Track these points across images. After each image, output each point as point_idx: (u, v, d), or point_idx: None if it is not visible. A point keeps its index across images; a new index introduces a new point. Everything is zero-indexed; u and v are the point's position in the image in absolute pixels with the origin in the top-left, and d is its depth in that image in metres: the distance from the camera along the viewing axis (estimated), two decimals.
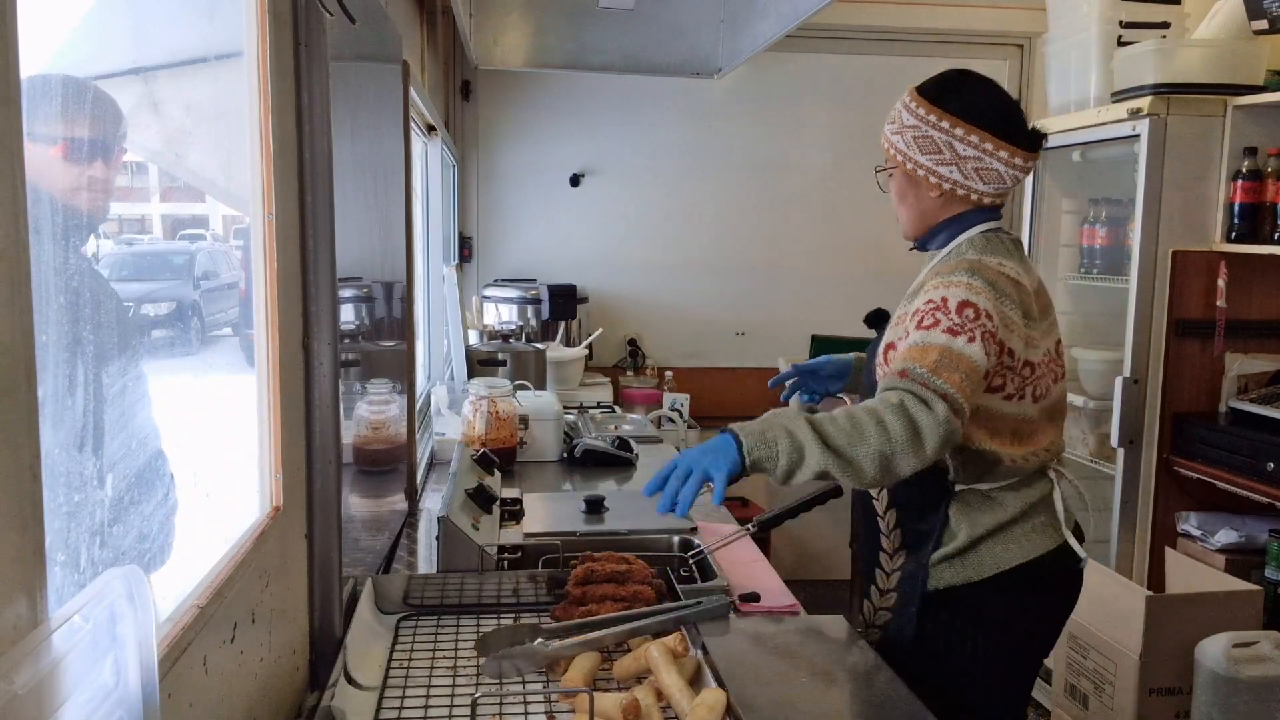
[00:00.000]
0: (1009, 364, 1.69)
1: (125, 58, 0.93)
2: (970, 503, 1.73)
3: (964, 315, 1.61)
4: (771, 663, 1.43)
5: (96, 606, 0.66)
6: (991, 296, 1.64)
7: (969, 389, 1.57)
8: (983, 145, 1.74)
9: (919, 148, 1.77)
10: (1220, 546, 2.96)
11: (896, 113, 1.81)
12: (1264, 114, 2.92)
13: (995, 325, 1.63)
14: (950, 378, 1.55)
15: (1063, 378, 1.86)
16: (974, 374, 1.59)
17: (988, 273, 1.67)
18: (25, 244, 0.62)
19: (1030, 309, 1.73)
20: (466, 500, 1.88)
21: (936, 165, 1.76)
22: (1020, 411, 1.74)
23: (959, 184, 1.77)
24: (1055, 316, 1.87)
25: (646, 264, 4.62)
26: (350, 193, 1.49)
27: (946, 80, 1.79)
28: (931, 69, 1.70)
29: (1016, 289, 1.70)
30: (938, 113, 1.74)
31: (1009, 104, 1.79)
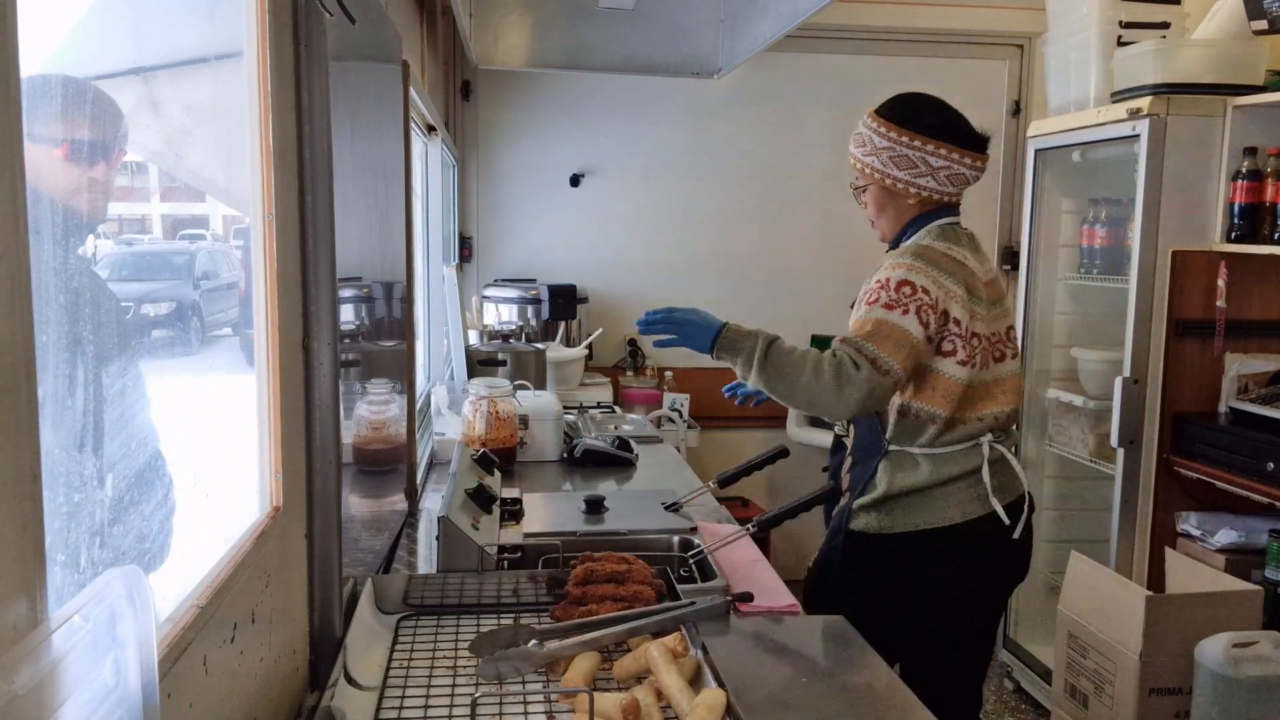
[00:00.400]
0: (955, 331, 1.94)
1: (125, 58, 0.93)
2: (896, 462, 1.99)
3: (901, 292, 1.91)
4: (771, 663, 1.43)
5: (96, 606, 0.66)
6: (930, 272, 1.93)
7: (902, 355, 1.88)
8: (950, 155, 2.03)
9: (895, 165, 2.04)
10: (1220, 546, 2.96)
11: (865, 136, 2.09)
12: (1264, 114, 2.92)
13: (933, 299, 1.91)
14: (882, 345, 1.87)
15: (1015, 357, 2.08)
16: (906, 340, 1.89)
17: (932, 254, 1.96)
18: (25, 244, 0.62)
19: (975, 289, 1.98)
20: (466, 500, 1.88)
21: (914, 178, 2.03)
22: (971, 377, 1.97)
23: (934, 190, 2.04)
24: (1007, 307, 2.11)
25: (646, 264, 4.62)
26: (350, 193, 1.49)
27: (905, 104, 2.10)
28: (931, 69, 1.77)
29: (960, 268, 1.97)
30: (909, 134, 2.03)
31: (959, 117, 2.09)
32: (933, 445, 1.97)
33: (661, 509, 2.17)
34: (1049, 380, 3.65)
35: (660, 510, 2.17)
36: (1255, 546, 2.92)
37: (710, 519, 2.19)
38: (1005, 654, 3.76)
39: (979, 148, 2.05)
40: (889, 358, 1.86)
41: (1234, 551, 2.94)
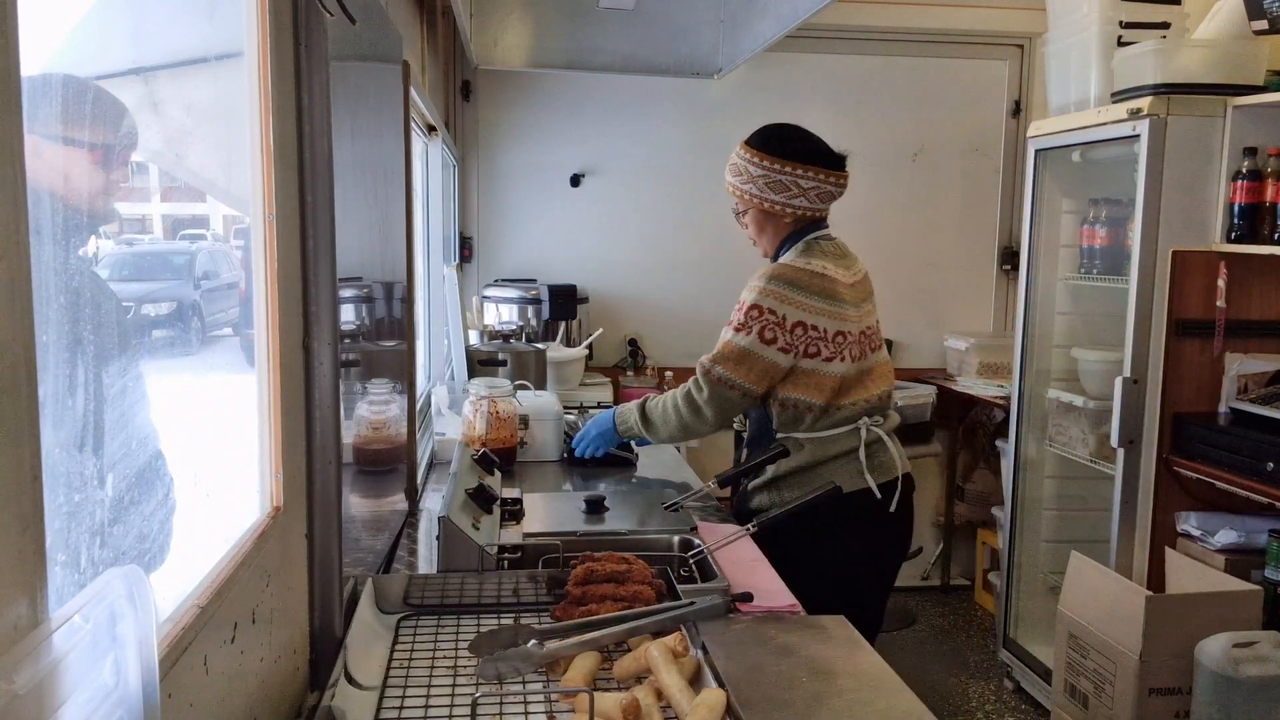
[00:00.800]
0: (816, 335, 2.23)
1: (125, 58, 0.93)
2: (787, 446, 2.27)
3: (749, 315, 2.22)
4: (771, 663, 1.43)
5: (96, 606, 0.66)
6: (780, 292, 2.22)
7: (743, 371, 2.23)
8: (818, 176, 2.28)
9: (771, 189, 2.29)
10: (1220, 546, 2.96)
11: (741, 166, 2.32)
12: (1264, 114, 2.92)
13: (779, 316, 2.21)
14: (726, 365, 2.24)
15: (879, 349, 2.41)
16: (747, 358, 2.22)
17: (786, 274, 2.24)
18: (25, 244, 0.62)
19: (837, 294, 2.26)
20: (466, 500, 1.88)
21: (789, 200, 2.29)
22: (842, 370, 2.26)
23: (806, 209, 2.31)
24: (874, 304, 2.45)
25: (646, 264, 4.62)
26: (350, 193, 1.49)
27: (773, 134, 2.34)
28: (931, 69, 1.77)
29: (819, 279, 2.25)
30: (780, 160, 2.28)
31: (820, 142, 2.34)
32: (813, 430, 2.26)
33: (661, 509, 2.17)
34: (1049, 380, 3.65)
35: (660, 510, 2.17)
36: (1255, 546, 2.92)
37: (710, 519, 2.19)
38: (1005, 654, 3.76)
39: (839, 166, 2.32)
40: (732, 375, 2.23)
41: (1234, 551, 2.94)
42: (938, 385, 4.48)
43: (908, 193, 4.75)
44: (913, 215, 4.76)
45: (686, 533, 1.99)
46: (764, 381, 2.24)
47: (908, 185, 4.75)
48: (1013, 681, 3.74)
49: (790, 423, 2.27)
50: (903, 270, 4.78)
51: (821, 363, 2.23)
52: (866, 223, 4.74)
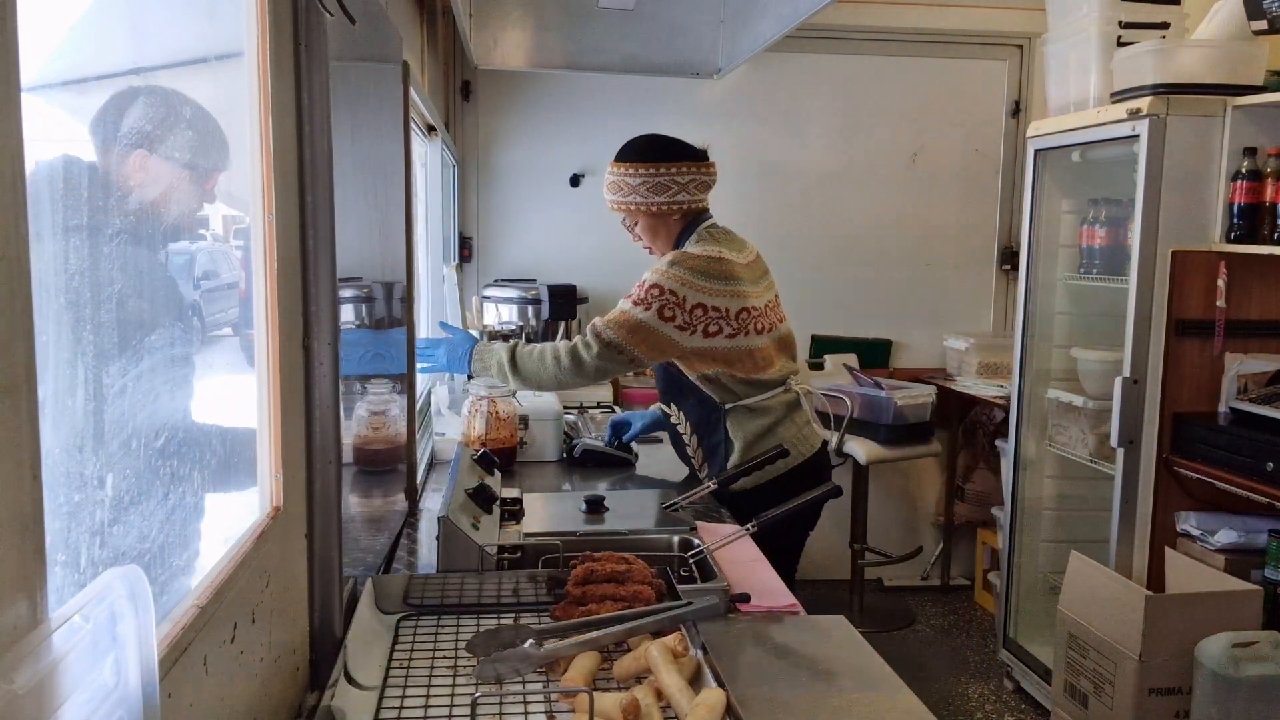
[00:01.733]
0: (717, 313, 2.39)
1: (125, 58, 0.93)
2: (737, 416, 2.45)
3: (649, 294, 2.38)
4: (771, 663, 1.43)
5: (96, 606, 0.66)
6: (681, 275, 2.38)
7: (637, 339, 2.37)
8: (690, 169, 2.47)
9: (654, 193, 2.48)
10: (1220, 546, 2.96)
11: (619, 182, 2.51)
12: (1264, 114, 2.92)
13: (682, 296, 2.36)
14: (619, 332, 2.37)
15: (784, 320, 2.59)
16: (643, 328, 2.37)
17: (686, 260, 2.40)
18: (25, 244, 0.62)
19: (735, 274, 2.43)
20: (466, 500, 1.88)
21: (672, 198, 2.48)
22: (750, 344, 2.42)
23: (689, 201, 2.49)
24: (771, 280, 2.61)
25: (647, 264, 4.60)
26: (350, 193, 1.49)
27: (639, 145, 2.52)
28: (931, 69, 1.77)
29: (715, 263, 2.41)
30: (654, 165, 2.46)
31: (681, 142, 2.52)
32: (752, 396, 2.45)
33: (661, 509, 2.17)
34: (1049, 380, 3.65)
35: (660, 510, 2.17)
36: (1255, 546, 2.92)
37: (710, 519, 2.19)
38: (1005, 654, 3.76)
39: (704, 158, 2.52)
40: (623, 342, 2.37)
41: (1234, 551, 2.94)
42: (937, 385, 4.48)
43: (907, 193, 4.75)
44: (912, 215, 4.76)
45: (686, 533, 1.99)
46: (656, 354, 2.41)
47: (907, 185, 4.75)
48: (1013, 681, 3.74)
49: (730, 393, 2.45)
50: (903, 270, 4.79)
51: (726, 339, 2.40)
52: (866, 223, 4.75)
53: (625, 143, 2.56)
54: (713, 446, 2.49)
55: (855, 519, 4.41)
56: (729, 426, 2.46)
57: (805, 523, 2.50)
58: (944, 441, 4.66)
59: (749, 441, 2.43)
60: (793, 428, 2.47)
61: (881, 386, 4.22)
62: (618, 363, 2.39)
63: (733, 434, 2.45)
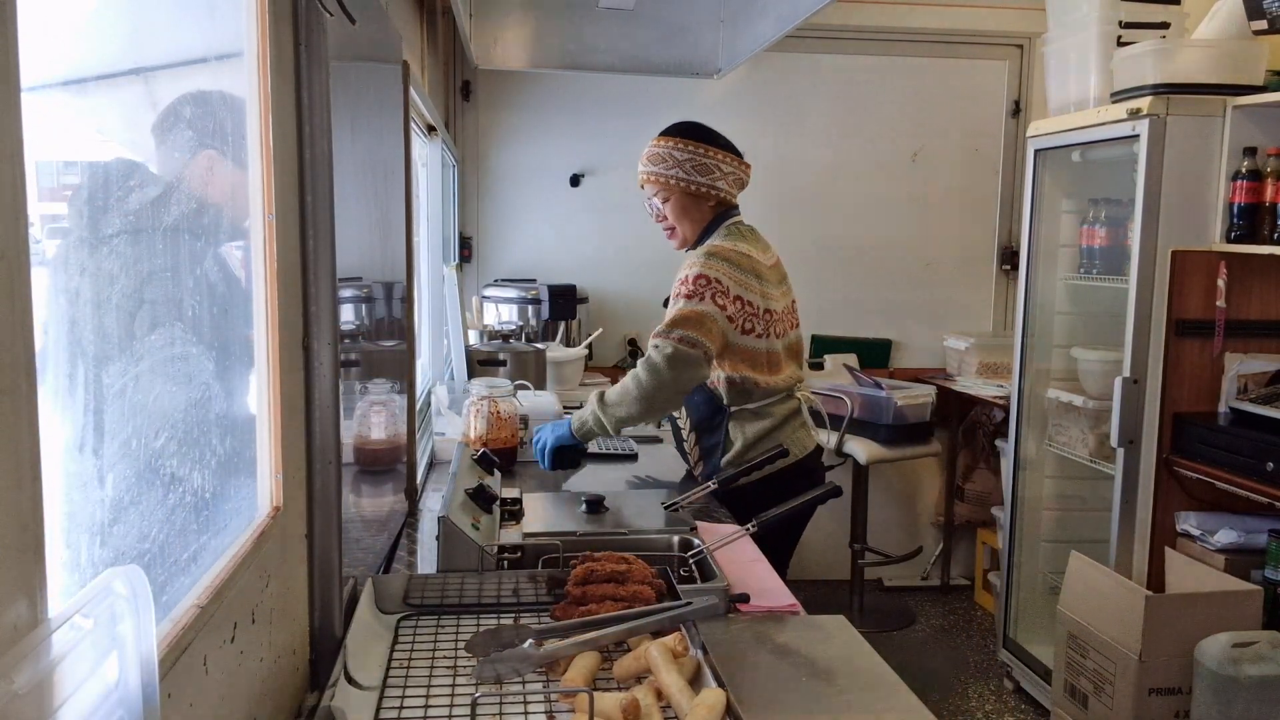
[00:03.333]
0: (750, 311, 2.44)
1: (125, 58, 0.93)
2: (739, 419, 2.50)
3: (698, 285, 2.39)
4: (771, 663, 1.43)
5: (96, 606, 0.66)
6: (720, 266, 2.41)
7: (705, 330, 2.36)
8: (734, 163, 2.55)
9: (697, 172, 2.51)
10: (1220, 546, 2.96)
11: (663, 154, 2.55)
12: (1264, 114, 2.92)
13: (726, 286, 2.40)
14: (687, 327, 2.35)
15: (797, 326, 2.66)
16: (707, 319, 2.37)
17: (722, 252, 2.45)
18: (25, 244, 0.62)
19: (763, 274, 2.49)
20: (466, 500, 1.88)
21: (714, 181, 2.51)
22: (769, 346, 2.49)
23: (725, 191, 2.54)
24: (789, 284, 2.67)
25: (647, 264, 4.61)
26: (350, 193, 1.49)
27: (691, 126, 2.57)
28: (931, 69, 1.77)
29: (746, 259, 2.46)
30: (703, 146, 2.52)
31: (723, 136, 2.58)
32: (760, 400, 2.49)
33: (661, 509, 2.17)
34: (1049, 380, 3.65)
35: (660, 510, 2.17)
36: (1255, 546, 2.92)
37: (710, 519, 2.19)
38: (1005, 654, 3.76)
39: (742, 156, 2.59)
40: (694, 334, 2.35)
41: (1234, 551, 2.94)
42: (937, 385, 4.48)
43: (907, 193, 4.75)
44: (912, 215, 4.76)
45: (686, 533, 1.99)
46: (719, 343, 2.40)
47: (907, 185, 4.75)
48: (1013, 681, 3.74)
49: (740, 397, 2.48)
50: (903, 270, 4.79)
51: (755, 339, 2.46)
52: (866, 223, 4.75)
53: (675, 123, 2.60)
54: (710, 446, 2.53)
55: (855, 519, 4.41)
56: (730, 427, 2.50)
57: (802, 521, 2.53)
58: (944, 441, 4.66)
59: (748, 443, 2.47)
60: (789, 431, 2.52)
61: (881, 386, 4.22)
62: (693, 360, 2.34)
63: (733, 435, 2.50)
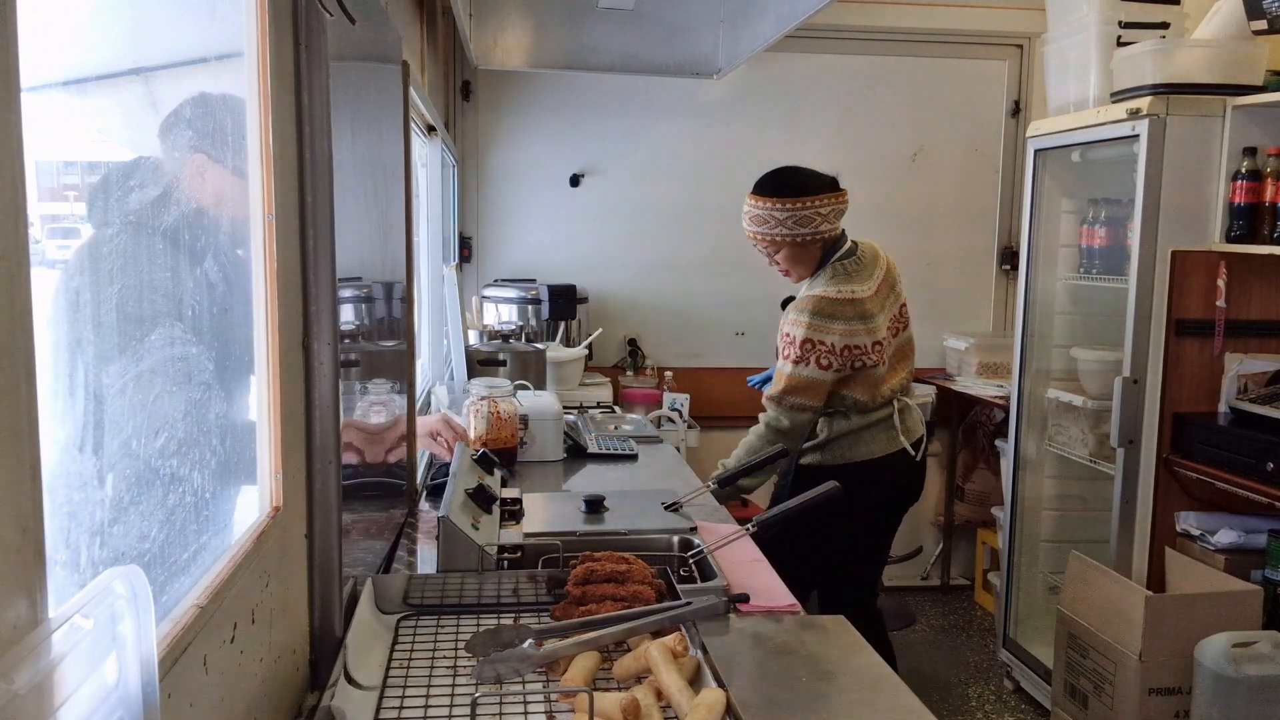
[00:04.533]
0: (859, 351, 2.67)
1: (125, 58, 0.93)
2: (832, 418, 2.76)
3: (804, 349, 2.65)
4: (771, 663, 1.43)
5: (97, 606, 0.66)
6: (823, 325, 2.64)
7: (810, 395, 2.67)
8: (830, 200, 2.69)
9: (800, 225, 2.68)
10: (1220, 546, 2.96)
11: (764, 215, 2.71)
12: (1264, 114, 2.92)
13: (829, 345, 2.64)
14: (795, 394, 2.67)
15: (906, 328, 2.86)
16: (812, 384, 2.66)
17: (826, 308, 2.65)
18: (25, 244, 0.62)
19: (866, 312, 2.69)
20: (466, 500, 1.88)
21: (816, 229, 2.70)
22: (876, 371, 2.72)
23: (829, 229, 2.72)
24: (899, 290, 2.87)
25: (646, 264, 4.62)
26: (350, 193, 1.49)
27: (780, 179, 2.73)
28: (931, 69, 1.77)
29: (850, 305, 2.67)
30: (799, 200, 2.67)
31: (815, 173, 2.73)
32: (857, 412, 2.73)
33: (661, 509, 2.17)
34: (1049, 380, 3.65)
35: (660, 510, 2.17)
36: (1255, 546, 2.92)
37: (710, 519, 2.19)
38: (1005, 654, 3.76)
39: (838, 186, 2.73)
40: (805, 401, 2.67)
41: (1234, 551, 2.94)
42: (937, 385, 4.48)
43: (907, 193, 4.75)
44: (912, 215, 4.76)
45: (686, 533, 1.99)
46: (826, 393, 2.69)
47: (907, 185, 4.75)
48: (1013, 681, 3.74)
49: (834, 414, 2.74)
50: (902, 270, 4.75)
51: (868, 370, 2.69)
52: (866, 223, 4.72)
53: (764, 175, 2.75)
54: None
55: None
56: (820, 422, 2.76)
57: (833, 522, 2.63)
58: (944, 441, 4.66)
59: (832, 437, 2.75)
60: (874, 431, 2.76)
61: None
62: (804, 421, 2.70)
63: (820, 428, 2.76)
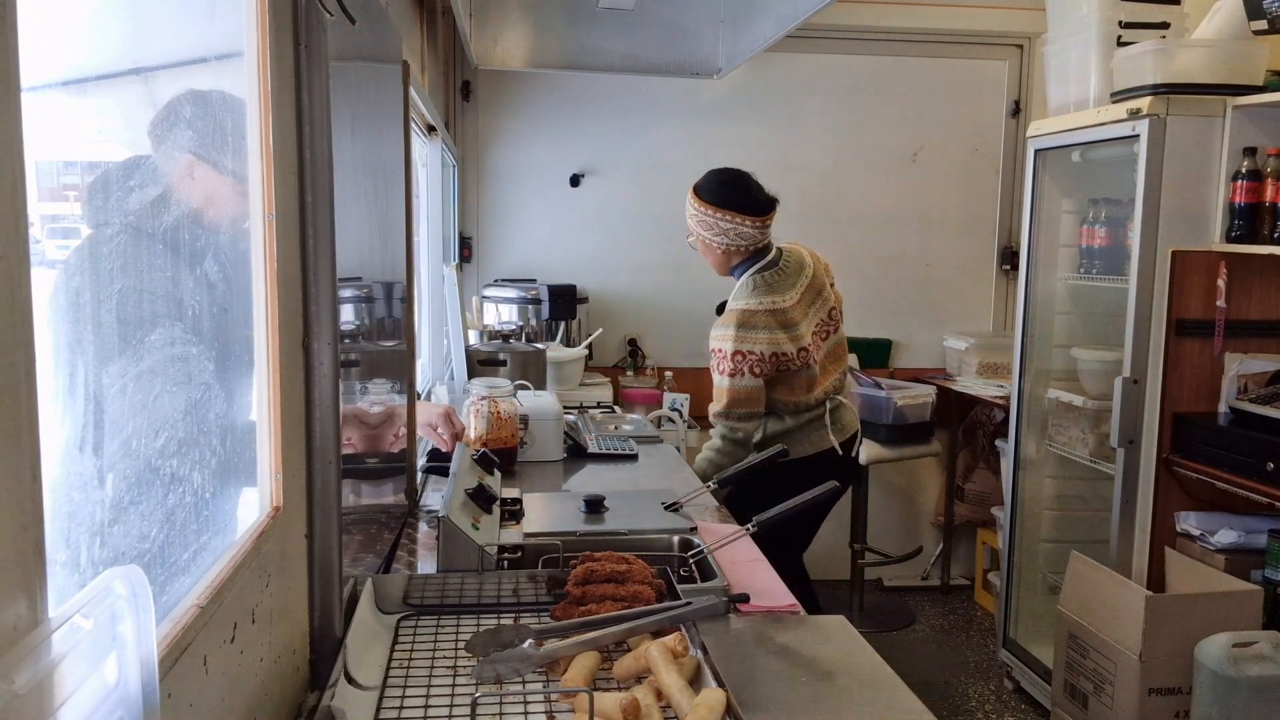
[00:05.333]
0: (786, 359, 2.83)
1: (125, 58, 0.93)
2: (768, 419, 2.93)
3: (735, 361, 2.80)
4: (771, 663, 1.43)
5: (96, 606, 0.66)
6: (749, 336, 2.79)
7: (753, 402, 2.82)
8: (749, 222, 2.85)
9: (710, 232, 2.88)
10: (1220, 546, 2.96)
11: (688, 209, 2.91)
12: (1264, 114, 2.92)
13: (760, 353, 2.79)
14: (739, 406, 2.82)
15: (837, 330, 3.01)
16: (753, 393, 2.82)
17: (748, 319, 2.80)
18: (25, 244, 0.62)
19: (789, 321, 2.84)
20: (466, 500, 1.88)
21: (730, 241, 2.88)
22: (807, 374, 2.88)
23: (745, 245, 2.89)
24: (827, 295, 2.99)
25: (646, 264, 4.62)
26: (350, 193, 1.49)
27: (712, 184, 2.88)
28: (932, 69, 1.76)
29: (771, 315, 2.82)
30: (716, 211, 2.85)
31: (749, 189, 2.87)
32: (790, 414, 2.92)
33: (661, 509, 2.17)
34: (1049, 380, 3.65)
35: (660, 510, 2.17)
36: (1255, 546, 2.92)
37: (710, 519, 2.19)
38: (1005, 654, 3.76)
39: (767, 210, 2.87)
40: (746, 410, 2.83)
41: (1234, 551, 2.94)
42: (937, 385, 4.48)
43: (908, 193, 4.75)
44: (913, 215, 4.76)
45: (686, 533, 1.99)
46: (765, 397, 2.86)
47: (908, 185, 4.75)
48: (1013, 681, 3.74)
49: (769, 415, 2.91)
50: (903, 270, 4.79)
51: (792, 375, 2.85)
52: (867, 223, 4.75)
53: (707, 176, 2.90)
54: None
55: (855, 519, 4.41)
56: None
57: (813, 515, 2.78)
58: (944, 441, 4.66)
59: (771, 435, 2.91)
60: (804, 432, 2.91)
61: (881, 386, 4.22)
62: (754, 425, 2.87)
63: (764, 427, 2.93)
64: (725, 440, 2.87)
